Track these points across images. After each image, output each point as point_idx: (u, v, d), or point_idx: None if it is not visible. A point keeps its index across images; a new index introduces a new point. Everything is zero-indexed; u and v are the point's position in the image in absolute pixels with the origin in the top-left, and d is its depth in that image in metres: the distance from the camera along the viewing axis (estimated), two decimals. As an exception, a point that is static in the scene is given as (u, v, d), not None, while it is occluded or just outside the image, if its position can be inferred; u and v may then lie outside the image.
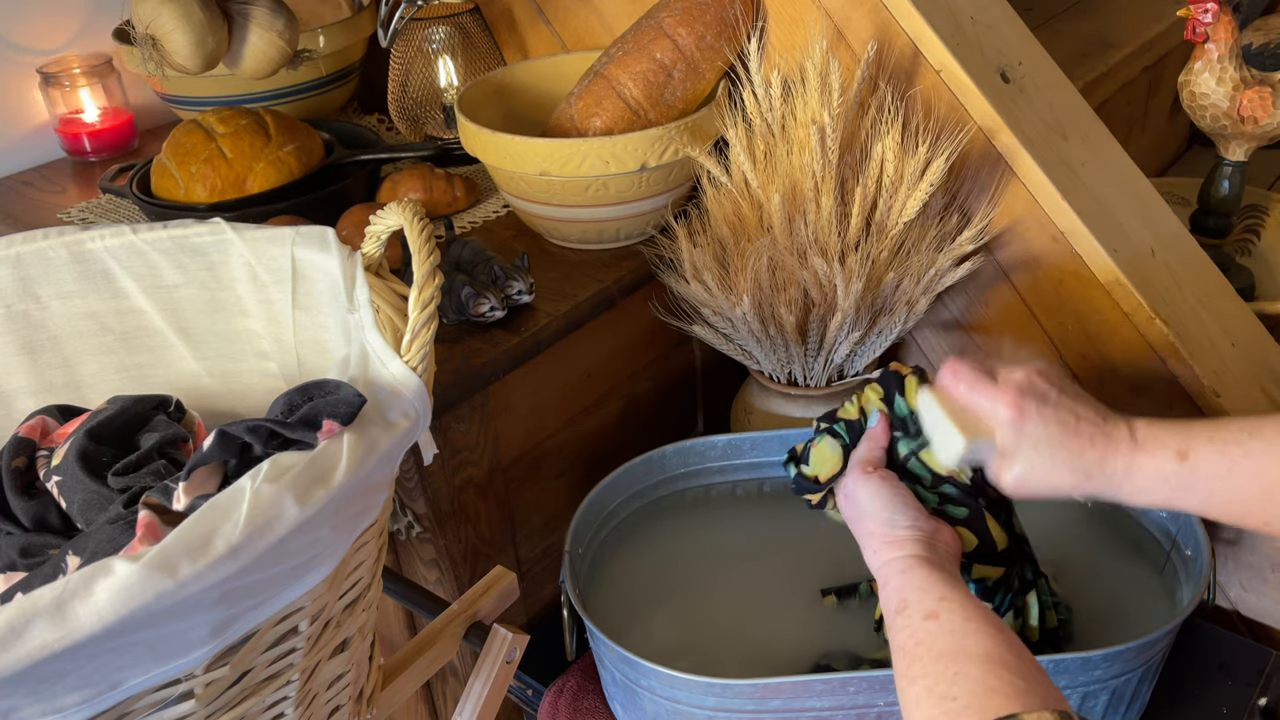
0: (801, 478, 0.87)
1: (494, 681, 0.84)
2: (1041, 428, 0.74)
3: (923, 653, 0.65)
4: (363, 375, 0.61)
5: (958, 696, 0.60)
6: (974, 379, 0.77)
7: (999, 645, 0.63)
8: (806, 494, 0.87)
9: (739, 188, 1.05)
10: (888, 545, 0.75)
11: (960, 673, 0.61)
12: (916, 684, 0.63)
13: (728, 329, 1.06)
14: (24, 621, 0.45)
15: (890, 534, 0.76)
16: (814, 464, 0.86)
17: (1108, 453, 0.73)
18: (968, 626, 0.65)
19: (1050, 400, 0.75)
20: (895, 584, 0.72)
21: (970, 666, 0.61)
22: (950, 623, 0.66)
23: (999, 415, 0.75)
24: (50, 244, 0.77)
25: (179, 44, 1.03)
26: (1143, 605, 0.94)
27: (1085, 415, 0.74)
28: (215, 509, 0.50)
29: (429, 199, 1.19)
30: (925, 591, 0.69)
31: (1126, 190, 1.08)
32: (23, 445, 0.74)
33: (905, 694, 0.64)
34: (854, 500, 0.80)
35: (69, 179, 1.39)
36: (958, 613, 0.66)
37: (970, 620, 0.65)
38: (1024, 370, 0.77)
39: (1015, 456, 0.75)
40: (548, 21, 1.33)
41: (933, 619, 0.66)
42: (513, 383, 1.02)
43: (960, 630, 0.65)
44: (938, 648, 0.64)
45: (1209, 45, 1.25)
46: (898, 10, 1.03)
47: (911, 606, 0.68)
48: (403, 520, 1.00)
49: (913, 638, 0.66)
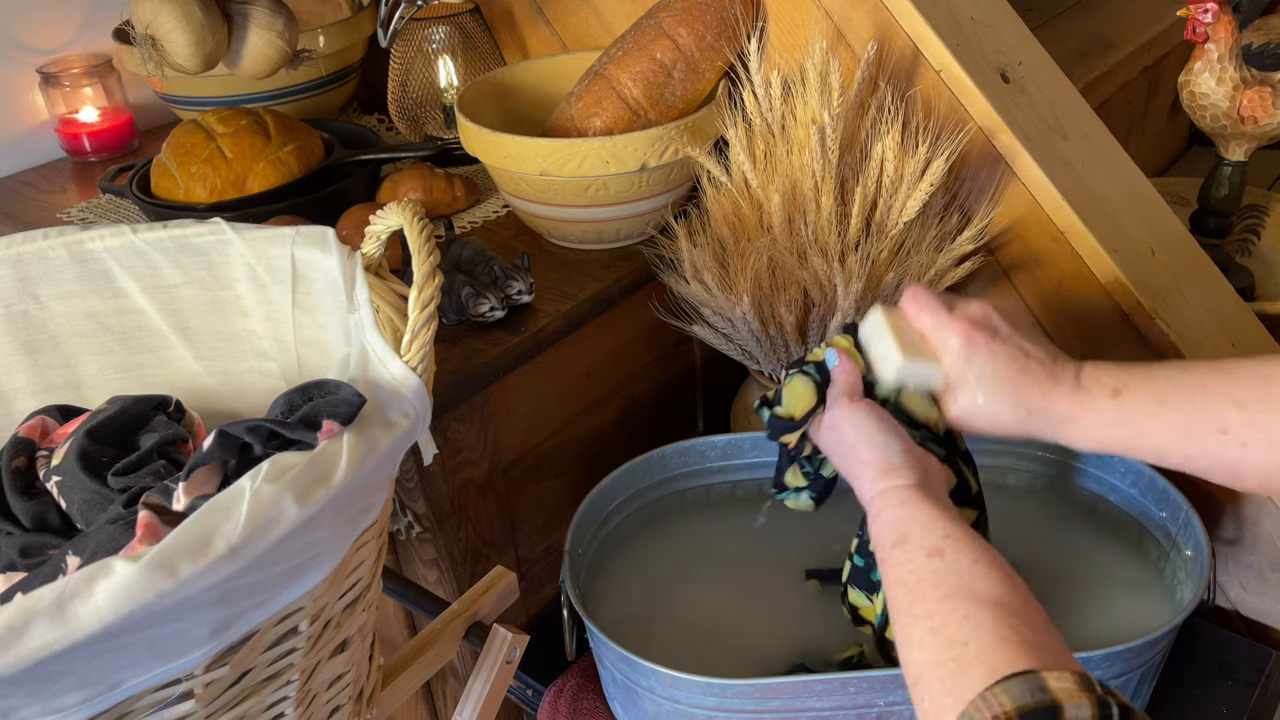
0: (776, 419, 0.82)
1: (494, 681, 0.84)
2: (989, 361, 0.73)
3: (927, 590, 0.61)
4: (363, 375, 0.61)
5: (968, 642, 0.56)
6: (932, 306, 0.76)
7: (1009, 591, 0.59)
8: (783, 434, 0.82)
9: (739, 188, 1.05)
10: (884, 473, 0.71)
11: (969, 616, 0.58)
12: (919, 623, 0.60)
13: (728, 329, 1.06)
14: (24, 621, 0.45)
15: (886, 460, 0.72)
16: (787, 403, 0.82)
17: (1051, 393, 0.73)
18: (976, 569, 0.61)
19: (1001, 335, 0.74)
20: (893, 515, 0.68)
21: (980, 611, 0.58)
22: (957, 562, 0.62)
23: (948, 344, 0.75)
24: (50, 244, 0.77)
25: (179, 44, 1.03)
26: (1143, 605, 0.94)
27: (1035, 354, 0.74)
28: (215, 509, 0.50)
29: (429, 199, 1.19)
30: (928, 527, 0.65)
31: (1126, 190, 1.08)
32: (23, 445, 0.74)
33: (906, 631, 0.60)
34: (840, 430, 0.76)
35: (69, 179, 1.39)
36: (965, 552, 0.62)
37: (979, 562, 0.62)
38: (980, 304, 0.76)
39: (960, 388, 0.74)
40: (548, 21, 1.33)
41: (937, 556, 0.63)
42: (513, 383, 1.02)
43: (968, 571, 0.61)
44: (944, 587, 0.60)
45: (1209, 45, 1.25)
46: (898, 10, 1.03)
47: (913, 540, 0.65)
48: (403, 520, 1.00)
49: (914, 574, 0.62)
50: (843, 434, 0.76)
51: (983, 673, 0.54)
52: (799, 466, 0.85)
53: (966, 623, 0.58)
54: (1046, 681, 0.52)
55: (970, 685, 0.54)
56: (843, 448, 0.76)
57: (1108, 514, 1.02)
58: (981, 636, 0.56)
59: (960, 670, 0.55)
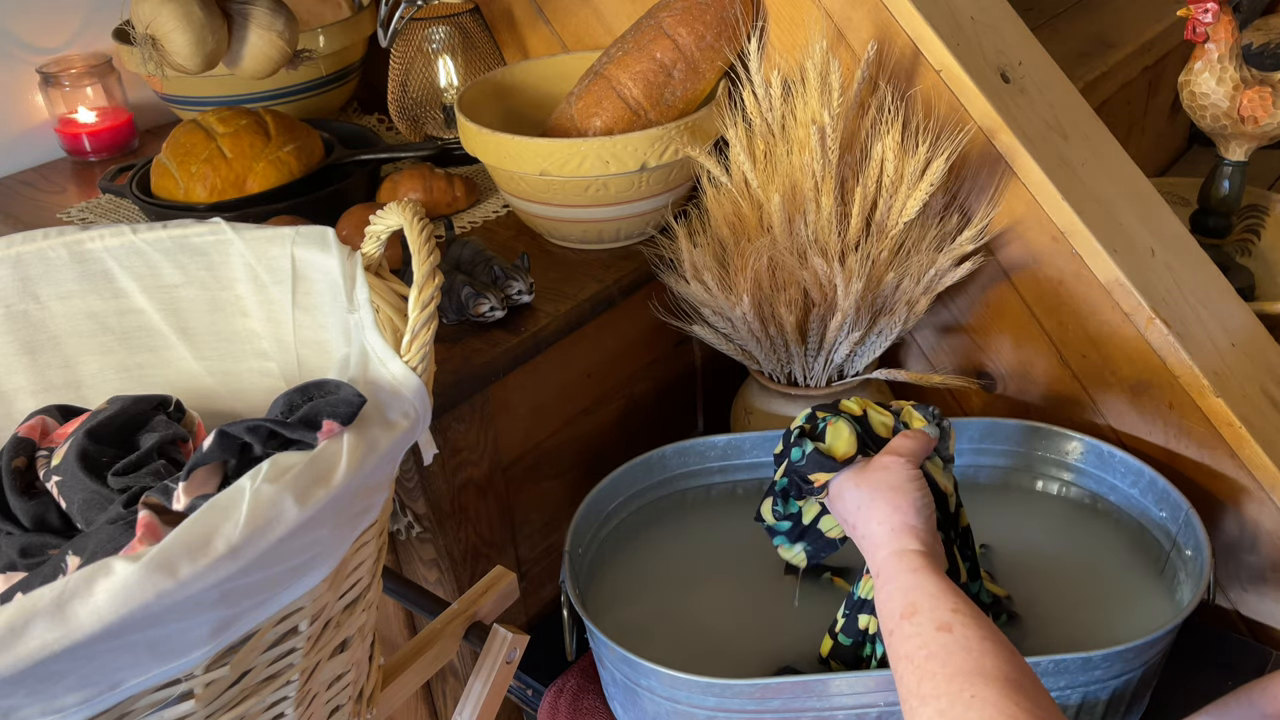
0: (818, 454, 0.83)
1: (494, 681, 0.84)
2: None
3: (935, 668, 0.62)
4: (363, 375, 0.61)
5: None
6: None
7: (1014, 668, 0.61)
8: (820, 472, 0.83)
9: (739, 188, 1.05)
10: (902, 532, 0.73)
11: (977, 697, 0.59)
12: (928, 704, 0.61)
13: (728, 329, 1.06)
14: (24, 621, 0.45)
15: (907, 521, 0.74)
16: (830, 440, 0.83)
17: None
18: (984, 645, 0.62)
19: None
20: (905, 582, 0.69)
21: (988, 690, 0.59)
22: (965, 639, 0.63)
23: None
24: (50, 244, 0.77)
25: (179, 44, 1.03)
26: (1143, 605, 0.94)
27: None
28: (215, 509, 0.50)
29: (429, 199, 1.19)
30: (938, 599, 0.66)
31: (1126, 190, 1.08)
32: (23, 445, 0.74)
33: (914, 712, 0.62)
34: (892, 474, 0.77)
35: (69, 179, 1.39)
36: (972, 628, 0.64)
37: (985, 639, 0.63)
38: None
39: None
40: (548, 21, 1.33)
41: (945, 631, 0.64)
42: (513, 383, 1.02)
43: (976, 649, 0.62)
44: (952, 665, 0.62)
45: (1209, 45, 1.25)
46: (898, 10, 1.03)
47: (922, 612, 0.66)
48: (403, 520, 1.00)
49: (924, 649, 0.64)
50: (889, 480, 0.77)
51: None
52: (772, 503, 0.87)
53: (974, 703, 0.59)
54: None
55: None
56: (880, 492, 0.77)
57: (1108, 514, 1.02)
58: (989, 717, 0.58)
59: None
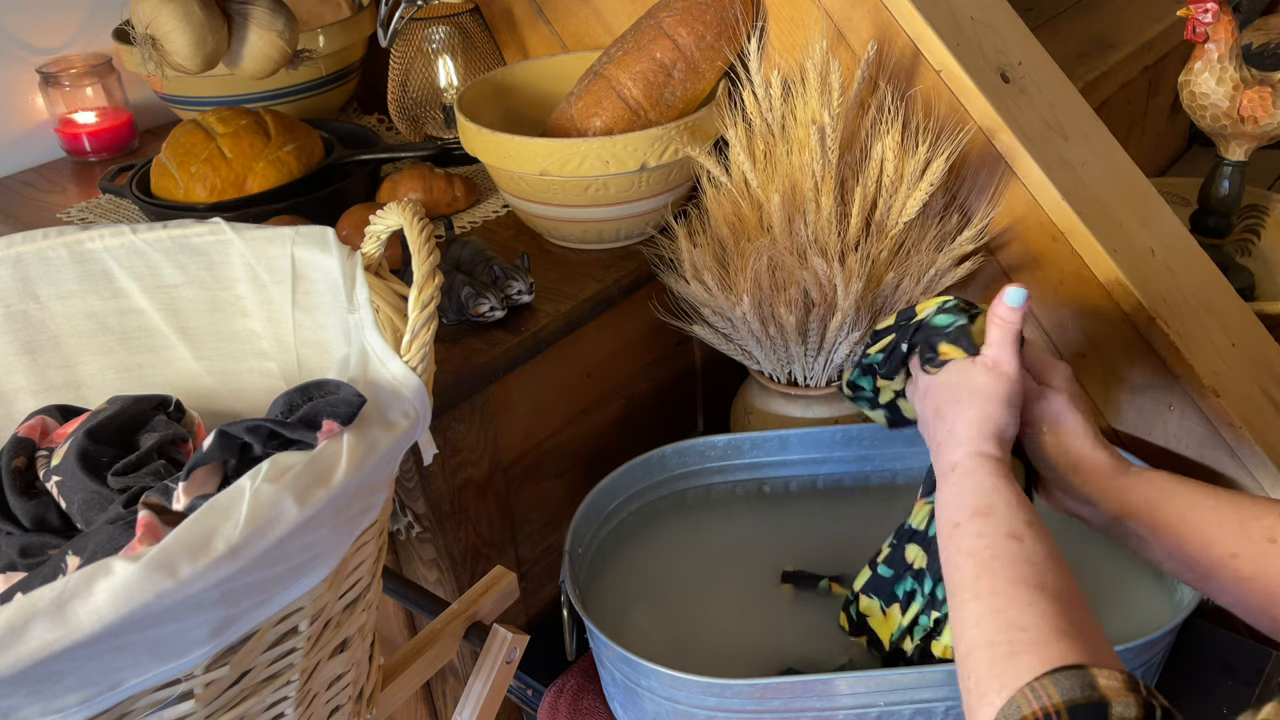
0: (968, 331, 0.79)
1: (494, 681, 0.84)
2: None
3: (998, 569, 0.61)
4: (363, 375, 0.61)
5: (1027, 629, 0.57)
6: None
7: (1073, 592, 0.60)
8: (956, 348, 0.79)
9: (739, 188, 1.05)
10: (989, 437, 0.72)
11: (1033, 604, 0.58)
12: (982, 600, 0.60)
13: (728, 329, 1.06)
14: (24, 621, 0.45)
15: (998, 428, 0.73)
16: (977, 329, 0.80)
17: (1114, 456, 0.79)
18: (1049, 563, 0.62)
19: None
20: (985, 483, 0.68)
21: (1046, 603, 0.58)
22: (1034, 551, 0.63)
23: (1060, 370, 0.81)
24: (50, 244, 0.77)
25: (179, 44, 1.03)
26: (1143, 605, 0.94)
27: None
28: (215, 509, 0.50)
29: (429, 199, 1.19)
30: (1014, 508, 0.66)
31: (1126, 190, 1.08)
32: (23, 445, 0.74)
33: (965, 605, 0.61)
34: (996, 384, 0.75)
35: (69, 179, 1.39)
36: (1042, 544, 0.63)
37: (1052, 558, 0.63)
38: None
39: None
40: (548, 21, 1.33)
41: (1015, 540, 0.63)
42: (513, 383, 1.02)
43: (1042, 563, 0.62)
44: (1015, 570, 0.61)
45: (1209, 45, 1.25)
46: (898, 10, 1.03)
47: (997, 515, 0.65)
48: (403, 520, 1.00)
49: (989, 548, 0.63)
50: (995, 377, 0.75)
51: (1034, 662, 0.55)
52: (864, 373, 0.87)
53: (1030, 610, 0.58)
54: (1096, 679, 0.53)
55: (1018, 673, 0.55)
56: (964, 392, 0.75)
57: (1108, 514, 1.02)
58: (1041, 626, 0.57)
59: (1012, 655, 0.56)
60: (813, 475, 1.07)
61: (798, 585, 0.97)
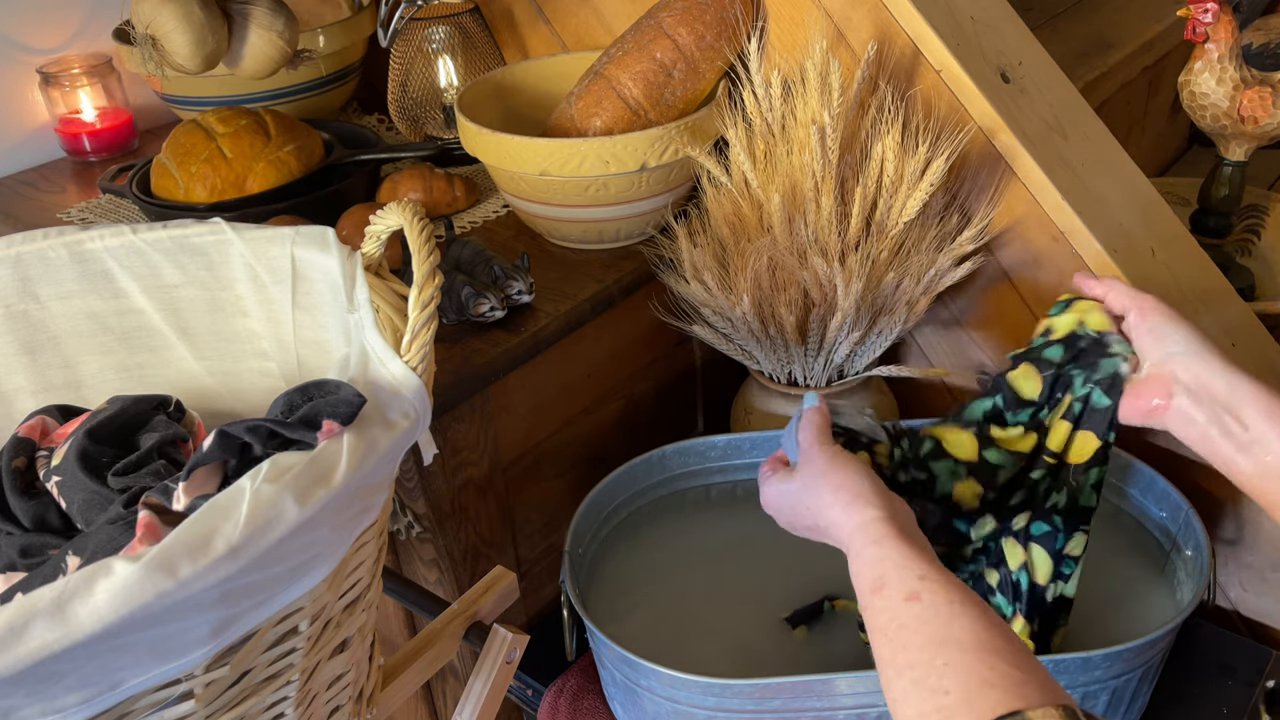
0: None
1: (494, 681, 0.84)
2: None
3: (907, 638, 0.60)
4: (363, 375, 0.61)
5: (950, 690, 0.56)
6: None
7: (987, 630, 0.59)
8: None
9: (739, 188, 1.05)
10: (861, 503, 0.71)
11: (950, 663, 0.57)
12: (903, 675, 0.59)
13: (728, 329, 1.06)
14: (24, 621, 0.45)
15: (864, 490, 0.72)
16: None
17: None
18: (953, 610, 0.61)
19: None
20: (870, 555, 0.68)
21: (960, 656, 0.57)
22: (934, 605, 0.61)
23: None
24: (50, 244, 0.77)
25: (179, 44, 1.03)
26: (1143, 605, 0.94)
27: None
28: (215, 509, 0.50)
29: (429, 199, 1.19)
30: (904, 568, 0.65)
31: (1126, 190, 1.08)
32: (23, 445, 0.74)
33: (891, 685, 0.60)
34: (815, 463, 0.76)
35: (69, 179, 1.39)
36: (940, 594, 0.62)
37: (954, 603, 0.61)
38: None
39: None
40: (548, 21, 1.33)
41: (914, 600, 0.62)
42: (513, 383, 1.02)
43: (946, 614, 0.60)
44: (924, 634, 0.60)
45: (1209, 45, 1.25)
46: (898, 10, 1.03)
47: (890, 584, 0.64)
48: (403, 520, 1.00)
49: (894, 621, 0.62)
50: (809, 471, 0.76)
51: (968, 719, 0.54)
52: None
53: (947, 670, 0.57)
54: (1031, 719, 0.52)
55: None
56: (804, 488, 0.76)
57: (1107, 514, 1.02)
58: (964, 682, 0.56)
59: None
60: (813, 475, 1.07)
61: (804, 621, 0.95)
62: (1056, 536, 0.82)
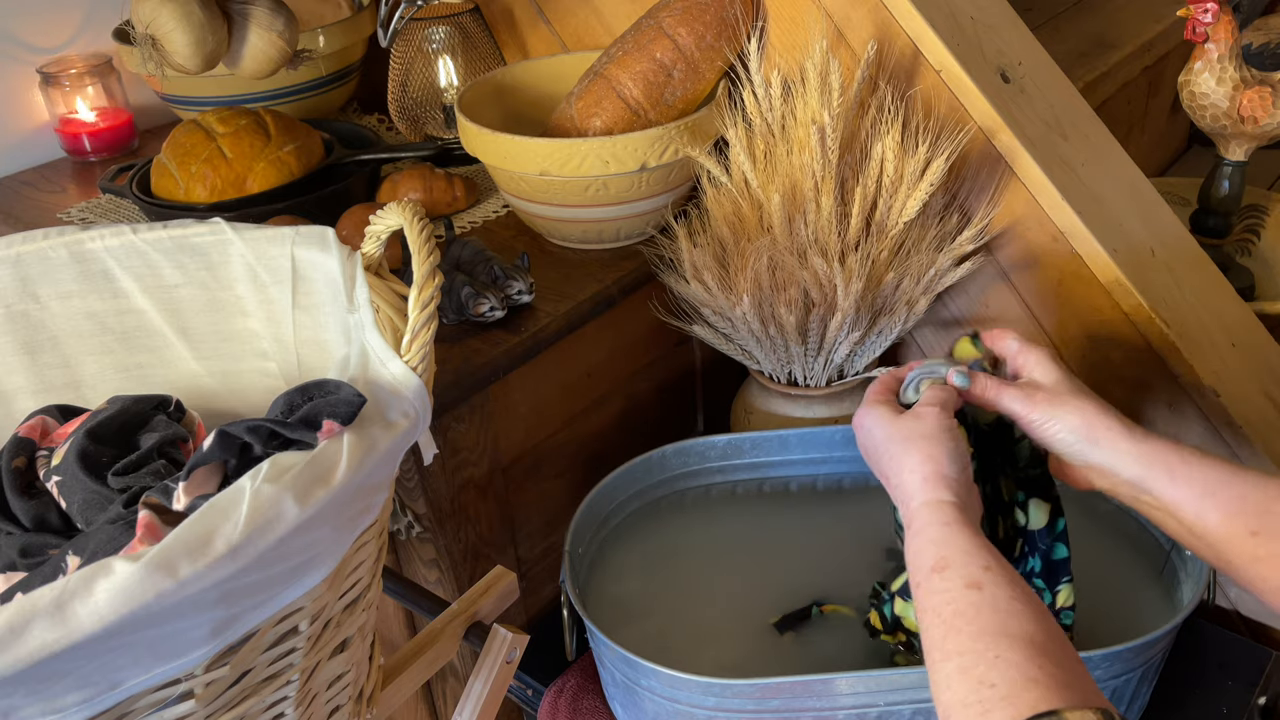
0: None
1: (494, 681, 0.84)
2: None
3: (962, 625, 0.61)
4: (363, 375, 0.61)
5: (996, 684, 0.56)
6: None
7: (1042, 631, 0.59)
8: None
9: (739, 188, 1.05)
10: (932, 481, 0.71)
11: (1001, 657, 0.58)
12: (951, 660, 0.60)
13: (728, 329, 1.06)
14: (24, 621, 0.45)
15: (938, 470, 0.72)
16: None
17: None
18: (1013, 606, 0.61)
19: None
20: (936, 534, 0.68)
21: (1012, 652, 0.58)
22: (994, 598, 0.62)
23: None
24: (50, 244, 0.77)
25: (179, 44, 1.03)
26: (1143, 605, 0.94)
27: None
28: (215, 509, 0.50)
29: (429, 199, 1.19)
30: (970, 555, 0.65)
31: (1126, 190, 1.08)
32: (23, 445, 0.74)
33: (937, 667, 0.60)
34: (925, 423, 0.75)
35: (69, 179, 1.39)
36: (1003, 588, 0.62)
37: (1015, 600, 0.61)
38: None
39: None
40: (548, 21, 1.33)
41: (975, 589, 0.62)
42: (513, 383, 1.02)
43: (1005, 608, 0.61)
44: (979, 623, 0.60)
45: (1209, 45, 1.25)
46: (898, 10, 1.03)
47: (954, 567, 0.64)
48: (403, 520, 1.00)
49: (951, 605, 0.62)
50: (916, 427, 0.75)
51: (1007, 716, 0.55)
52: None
53: (997, 664, 0.58)
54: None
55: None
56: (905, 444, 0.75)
57: (1107, 514, 1.02)
58: (1010, 679, 0.57)
59: (984, 714, 0.56)
60: (813, 475, 1.07)
61: (792, 627, 0.94)
62: (1043, 594, 0.83)
